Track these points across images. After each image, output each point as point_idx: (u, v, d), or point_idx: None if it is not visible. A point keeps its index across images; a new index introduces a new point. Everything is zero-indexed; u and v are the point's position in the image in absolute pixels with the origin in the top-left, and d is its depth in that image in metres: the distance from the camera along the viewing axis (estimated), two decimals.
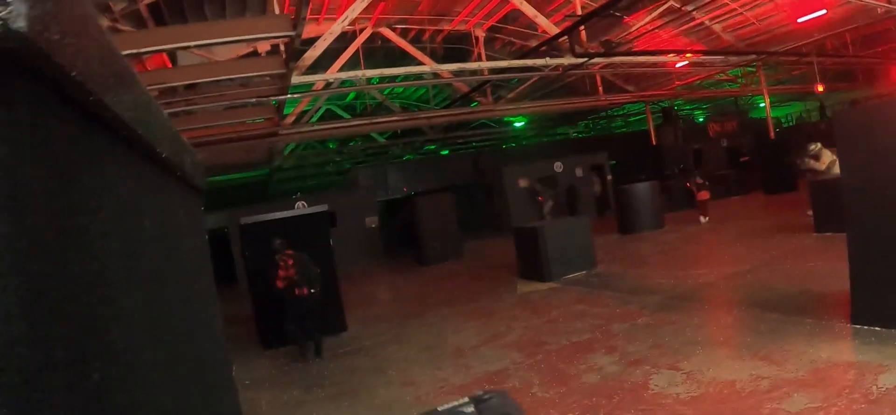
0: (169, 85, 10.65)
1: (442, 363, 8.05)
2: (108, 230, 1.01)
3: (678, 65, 19.10)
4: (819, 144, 14.35)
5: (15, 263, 0.68)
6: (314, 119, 20.30)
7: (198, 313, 1.90)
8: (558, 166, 26.06)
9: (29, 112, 0.75)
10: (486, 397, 1.54)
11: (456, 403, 1.44)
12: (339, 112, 23.56)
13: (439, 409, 1.42)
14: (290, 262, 9.34)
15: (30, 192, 0.73)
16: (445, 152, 33.40)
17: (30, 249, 0.71)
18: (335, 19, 11.89)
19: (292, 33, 8.56)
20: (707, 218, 17.81)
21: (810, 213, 15.46)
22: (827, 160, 13.92)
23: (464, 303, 11.84)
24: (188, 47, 8.72)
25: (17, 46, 0.68)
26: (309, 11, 10.44)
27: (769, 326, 6.98)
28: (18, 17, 0.67)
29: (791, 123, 38.92)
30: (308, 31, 12.86)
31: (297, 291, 9.31)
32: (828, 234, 11.45)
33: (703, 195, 18.03)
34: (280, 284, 9.39)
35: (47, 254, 0.76)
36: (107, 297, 0.95)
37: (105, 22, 8.65)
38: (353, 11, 11.16)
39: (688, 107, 33.21)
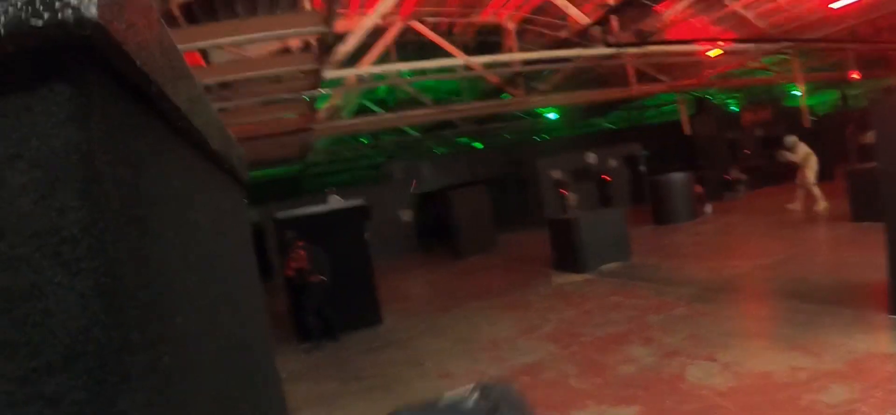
0: (204, 83, 10.76)
1: (478, 355, 8.05)
2: (168, 219, 1.03)
3: (710, 53, 18.79)
4: (795, 137, 15.94)
5: (92, 248, 0.70)
6: (347, 113, 20.38)
7: (245, 302, 1.93)
8: (591, 157, 25.88)
9: (101, 100, 0.76)
10: (492, 386, 1.54)
11: (461, 391, 1.44)
12: (372, 106, 23.59)
13: (445, 395, 1.43)
14: (302, 252, 9.73)
15: (104, 178, 0.74)
16: (479, 145, 33.31)
17: (105, 234, 0.73)
18: (367, 14, 11.91)
19: (324, 29, 8.59)
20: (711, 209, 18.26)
21: (792, 206, 15.96)
22: (802, 153, 15.54)
23: (498, 295, 11.83)
24: (220, 45, 8.80)
25: (90, 34, 0.69)
26: (340, 6, 10.50)
27: (806, 316, 6.86)
28: (90, 5, 0.68)
29: (825, 112, 38.05)
30: (340, 26, 12.93)
31: (310, 279, 9.89)
32: (865, 223, 11.22)
33: (697, 189, 18.20)
34: (290, 273, 10.10)
35: (121, 239, 0.78)
36: (171, 284, 0.96)
37: None
38: (385, 5, 11.16)
39: (721, 96, 32.67)
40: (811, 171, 15.85)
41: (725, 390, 5.24)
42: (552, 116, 28.12)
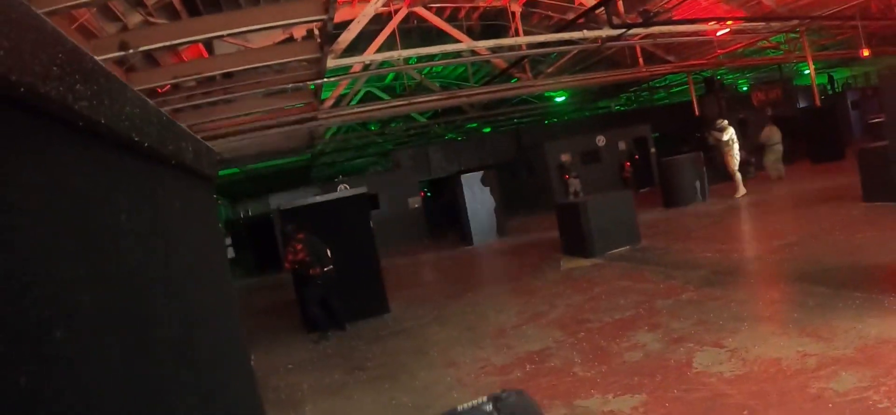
0: (207, 75, 10.72)
1: (483, 344, 7.98)
2: (53, 224, 0.94)
3: (719, 33, 18.54)
4: (725, 121, 17.16)
5: None
6: (353, 102, 20.33)
7: (200, 304, 1.85)
8: (600, 140, 25.73)
9: None
10: (505, 395, 1.46)
11: (475, 403, 1.37)
12: (379, 94, 23.54)
13: (458, 409, 1.35)
14: (299, 246, 9.73)
15: None
16: (487, 130, 33.20)
17: None
18: (369, 1, 11.82)
19: (324, 17, 8.50)
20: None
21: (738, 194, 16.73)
22: (729, 134, 16.65)
23: (506, 281, 11.76)
24: (220, 37, 8.74)
25: None
26: None
27: (816, 300, 6.71)
28: None
29: (837, 90, 37.49)
30: (343, 13, 12.84)
31: (311, 272, 9.81)
32: (878, 203, 11.02)
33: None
34: (288, 266, 10.14)
35: None
36: (50, 296, 0.88)
37: (138, 17, 8.73)
38: None
39: (730, 76, 32.33)
40: (732, 157, 16.73)
41: (733, 377, 5.12)
42: (560, 99, 27.91)
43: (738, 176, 16.69)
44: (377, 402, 6.67)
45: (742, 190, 16.55)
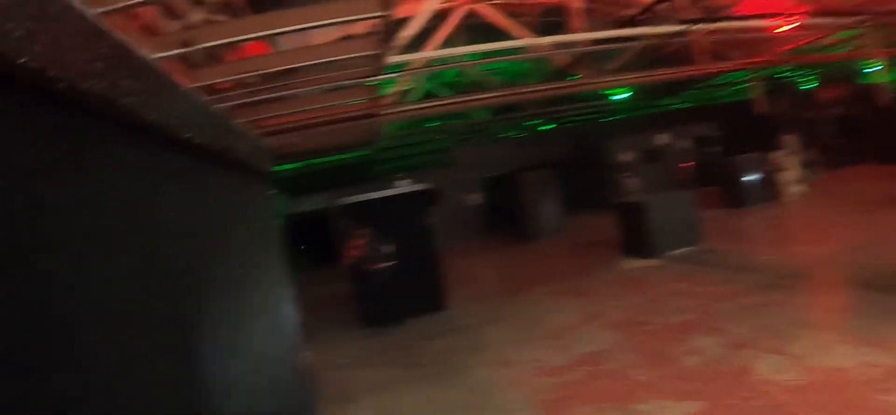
0: (268, 71, 10.87)
1: (540, 344, 7.90)
2: (100, 224, 0.94)
3: (783, 29, 17.87)
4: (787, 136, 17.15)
5: None
6: (414, 98, 20.36)
7: (251, 298, 1.85)
8: (662, 139, 25.21)
9: None
10: None
11: None
12: (439, 90, 23.53)
13: None
14: (360, 241, 9.76)
15: None
16: (548, 127, 32.86)
17: None
18: None
19: (383, 14, 8.52)
20: None
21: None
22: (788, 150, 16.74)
23: (564, 281, 11.62)
24: (280, 34, 8.83)
25: None
26: None
27: (882, 308, 6.41)
28: None
29: None
30: (403, 10, 12.87)
31: (370, 267, 9.99)
32: None
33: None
34: (349, 260, 10.33)
35: None
36: (86, 298, 0.87)
37: (200, 15, 8.90)
38: None
39: (795, 73, 31.18)
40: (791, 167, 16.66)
41: (793, 386, 4.94)
42: (621, 96, 27.41)
43: (792, 177, 16.15)
44: (432, 399, 6.68)
45: (796, 192, 16.01)
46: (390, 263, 10.06)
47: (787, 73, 28.18)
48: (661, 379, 5.74)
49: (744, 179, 17.06)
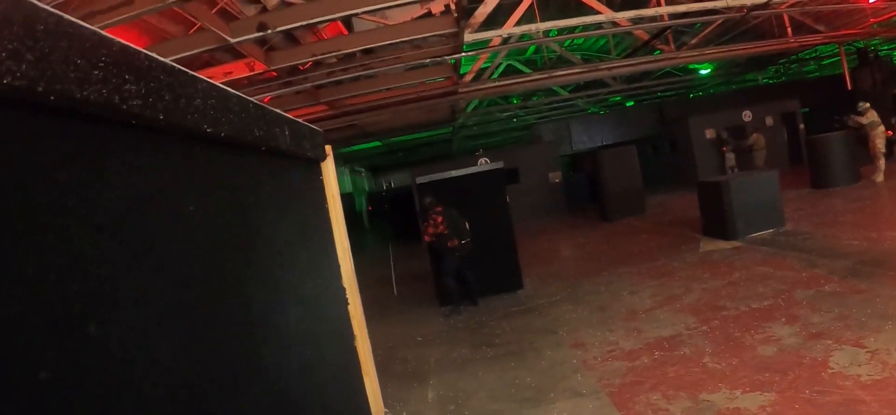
0: (346, 52, 11.04)
1: (614, 326, 7.77)
2: (109, 224, 0.97)
3: (872, 0, 16.78)
4: (867, 103, 16.03)
5: None
6: (494, 75, 20.26)
7: (293, 293, 1.88)
8: (747, 115, 24.28)
9: None
10: None
11: None
12: (520, 67, 23.32)
13: None
14: (440, 219, 9.82)
15: None
16: (630, 104, 32.18)
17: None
18: None
19: None
20: None
21: (876, 177, 15.37)
22: (871, 118, 15.68)
23: (642, 261, 11.38)
24: (357, 14, 8.95)
25: None
26: None
27: None
28: None
29: None
30: None
31: (449, 244, 9.91)
32: None
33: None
34: (427, 239, 10.25)
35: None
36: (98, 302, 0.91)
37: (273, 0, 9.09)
38: None
39: (886, 47, 29.26)
40: (880, 139, 15.52)
41: (870, 382, 4.66)
42: (705, 71, 26.48)
43: (882, 161, 15.25)
44: (501, 379, 6.68)
45: (881, 176, 15.12)
46: (467, 241, 10.08)
47: (879, 46, 26.56)
48: (734, 368, 5.55)
49: (831, 157, 16.17)
